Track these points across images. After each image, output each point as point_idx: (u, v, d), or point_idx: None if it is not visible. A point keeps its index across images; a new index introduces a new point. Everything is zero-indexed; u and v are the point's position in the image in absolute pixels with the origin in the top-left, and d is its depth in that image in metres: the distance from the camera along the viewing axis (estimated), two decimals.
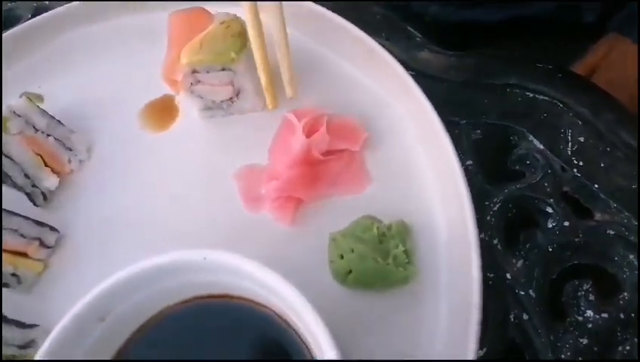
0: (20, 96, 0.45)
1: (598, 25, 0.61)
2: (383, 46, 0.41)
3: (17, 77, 0.47)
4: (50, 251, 0.39)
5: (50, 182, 0.41)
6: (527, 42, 0.64)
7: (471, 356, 0.29)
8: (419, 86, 0.38)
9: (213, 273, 0.29)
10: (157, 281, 0.29)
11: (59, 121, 0.42)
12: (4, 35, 0.47)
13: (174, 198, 0.40)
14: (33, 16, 0.53)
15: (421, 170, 0.37)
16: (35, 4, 0.56)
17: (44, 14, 0.48)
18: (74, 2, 0.47)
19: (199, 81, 0.39)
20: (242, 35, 0.38)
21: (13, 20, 0.55)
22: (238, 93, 0.40)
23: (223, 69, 0.38)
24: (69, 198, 0.41)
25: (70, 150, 0.42)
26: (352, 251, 0.32)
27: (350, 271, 0.32)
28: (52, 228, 0.39)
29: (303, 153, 0.36)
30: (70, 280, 0.38)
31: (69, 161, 0.42)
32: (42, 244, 0.38)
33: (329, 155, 0.38)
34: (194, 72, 0.38)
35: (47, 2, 0.56)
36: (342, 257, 0.33)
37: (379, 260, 0.32)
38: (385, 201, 0.36)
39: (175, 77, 0.38)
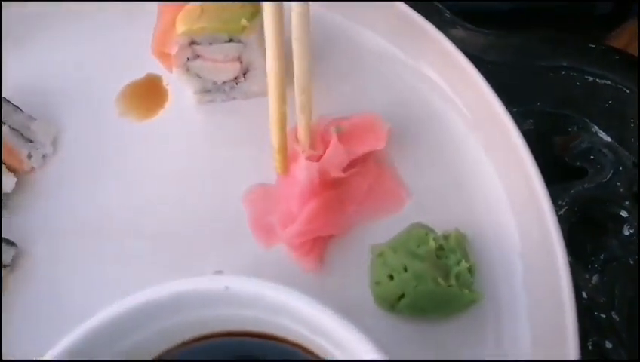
0: None
1: (615, 14, 0.56)
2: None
3: None
4: (6, 271, 0.30)
5: (5, 183, 0.32)
6: (542, 33, 0.60)
7: None
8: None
9: (231, 307, 0.22)
10: (154, 320, 0.21)
11: (16, 106, 0.33)
12: None
13: (161, 203, 0.32)
14: None
15: (478, 171, 0.31)
16: None
17: None
18: None
19: (198, 56, 0.31)
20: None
21: None
22: (245, 72, 0.32)
23: (231, 40, 0.30)
24: (29, 203, 0.32)
25: (30, 142, 0.34)
26: (405, 270, 0.25)
27: (403, 296, 0.25)
28: (8, 242, 0.30)
29: (312, 182, 0.29)
30: (31, 306, 0.29)
31: (29, 157, 0.33)
32: None
33: (352, 168, 0.31)
34: (192, 43, 0.30)
35: None
36: (392, 278, 0.26)
37: (440, 281, 0.25)
38: (432, 211, 0.29)
39: (168, 49, 0.30)
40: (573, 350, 0.23)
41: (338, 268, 0.28)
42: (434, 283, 0.25)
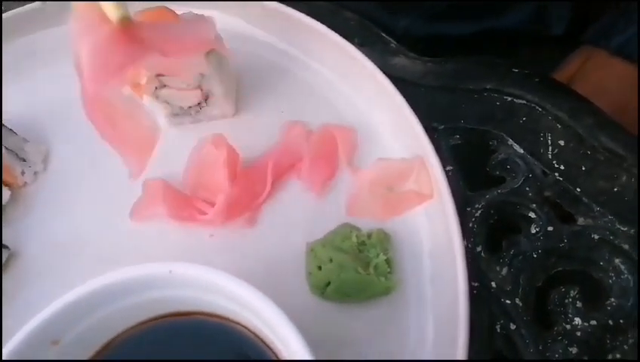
0: None
1: (569, 37, 0.61)
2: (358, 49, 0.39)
3: None
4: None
5: (1, 195, 0.37)
6: (500, 56, 0.65)
7: None
8: (396, 89, 0.37)
9: (179, 288, 0.26)
10: (116, 300, 0.26)
11: (10, 130, 0.39)
12: None
13: None
14: None
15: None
16: None
17: None
18: (27, 5, 0.45)
19: (165, 85, 0.36)
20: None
21: None
22: (206, 98, 0.38)
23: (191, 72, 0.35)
24: (22, 213, 0.38)
25: (24, 161, 0.39)
26: (331, 261, 0.30)
27: (329, 283, 0.30)
28: (2, 245, 0.36)
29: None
30: (22, 301, 0.34)
31: (23, 173, 0.39)
32: None
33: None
34: (159, 75, 0.36)
35: None
36: (320, 268, 0.31)
37: (359, 270, 0.30)
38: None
39: (138, 80, 0.35)
40: (463, 328, 0.28)
41: (280, 261, 0.33)
42: (354, 271, 0.30)
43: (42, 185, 0.39)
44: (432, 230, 0.33)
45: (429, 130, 0.37)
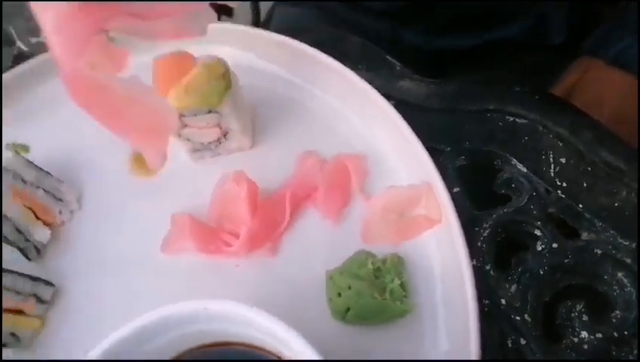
0: (7, 147, 0.46)
1: (569, 46, 0.63)
2: (364, 77, 0.42)
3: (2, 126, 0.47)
4: (46, 306, 0.38)
5: (42, 235, 0.40)
6: (503, 66, 0.66)
7: None
8: (401, 115, 0.39)
9: (212, 322, 0.29)
10: (158, 335, 0.29)
11: (47, 172, 0.42)
12: None
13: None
14: (14, 63, 0.53)
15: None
16: (15, 50, 0.56)
17: (26, 63, 0.48)
18: None
19: (186, 125, 0.39)
20: (225, 76, 0.38)
21: None
22: (225, 134, 0.40)
23: (210, 112, 0.38)
24: (62, 250, 0.41)
25: (60, 201, 0.42)
26: (349, 288, 0.33)
27: (349, 309, 0.33)
28: (47, 283, 0.39)
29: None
30: (68, 335, 0.37)
31: (60, 212, 0.42)
32: (38, 300, 0.38)
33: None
34: (181, 116, 0.38)
35: (26, 48, 0.56)
36: (340, 295, 0.33)
37: (376, 296, 0.32)
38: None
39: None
40: (475, 346, 0.30)
41: (302, 288, 0.36)
42: (371, 297, 0.32)
43: (79, 222, 0.42)
44: (441, 253, 0.35)
45: (435, 152, 0.40)
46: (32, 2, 0.29)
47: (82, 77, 0.31)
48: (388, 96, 0.42)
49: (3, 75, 0.48)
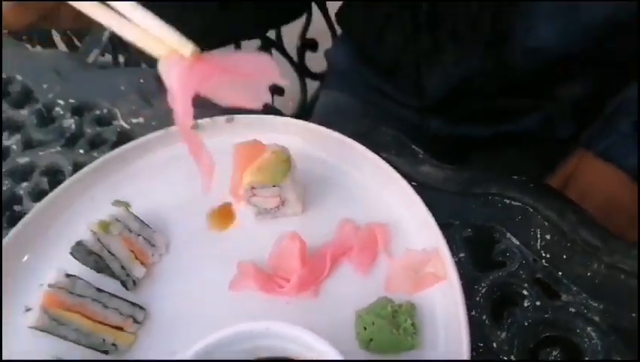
0: (112, 204, 0.59)
1: (572, 139, 0.74)
2: (392, 161, 0.54)
3: (110, 187, 0.61)
4: (139, 326, 0.50)
5: (138, 271, 0.53)
6: (516, 154, 0.78)
7: None
8: (421, 194, 0.50)
9: (271, 339, 0.40)
10: (232, 345, 0.40)
11: (146, 224, 0.55)
12: (100, 159, 0.62)
13: None
14: (118, 140, 0.68)
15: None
16: (118, 128, 0.71)
17: (131, 143, 0.62)
18: (159, 132, 0.62)
19: (255, 195, 0.52)
20: (287, 160, 0.51)
21: (99, 143, 0.70)
22: (283, 202, 0.53)
23: (274, 186, 0.51)
24: (153, 283, 0.53)
25: (153, 246, 0.55)
26: (373, 324, 0.43)
27: (371, 340, 0.43)
28: (141, 307, 0.51)
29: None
30: (154, 347, 0.49)
31: (152, 255, 0.54)
32: (134, 320, 0.50)
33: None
34: (252, 188, 0.51)
35: (128, 127, 0.71)
36: (365, 329, 0.43)
37: (393, 331, 0.42)
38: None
39: (239, 193, 0.51)
40: None
41: (337, 323, 0.46)
42: (390, 333, 0.42)
43: (166, 263, 0.54)
44: (445, 303, 0.45)
45: (447, 225, 0.51)
46: (160, 66, 0.41)
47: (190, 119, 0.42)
48: (411, 179, 0.54)
49: (112, 152, 0.63)
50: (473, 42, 0.64)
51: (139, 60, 1.11)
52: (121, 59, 1.14)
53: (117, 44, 1.11)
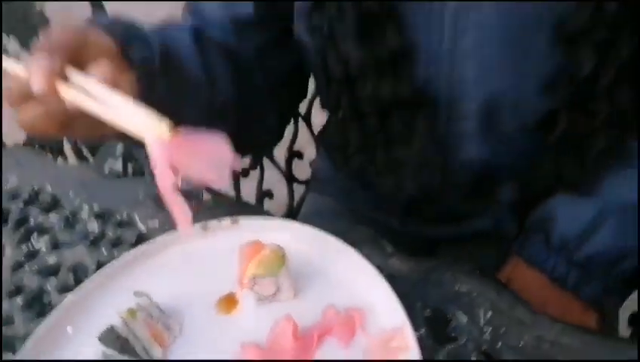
0: (134, 294, 0.71)
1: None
2: (367, 255, 0.67)
3: (130, 281, 0.73)
4: None
5: (157, 352, 0.63)
6: (473, 249, 0.92)
7: None
8: (391, 284, 0.63)
9: None
10: None
11: (163, 311, 0.66)
12: (121, 257, 0.74)
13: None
14: (136, 240, 0.81)
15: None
16: (137, 232, 0.84)
17: (148, 242, 0.75)
18: (172, 233, 0.75)
19: (256, 284, 0.64)
20: (283, 256, 0.64)
21: (119, 243, 0.82)
22: (279, 290, 0.65)
23: (273, 276, 0.63)
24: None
25: (169, 330, 0.66)
26: None
27: None
28: None
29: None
30: None
31: (168, 338, 0.65)
32: None
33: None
34: (254, 278, 0.64)
35: (145, 230, 0.84)
36: None
37: None
38: None
39: (244, 282, 0.63)
40: None
41: None
42: None
43: (179, 344, 0.65)
44: None
45: (411, 307, 0.63)
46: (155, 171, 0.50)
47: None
48: (382, 270, 0.67)
49: (130, 251, 0.75)
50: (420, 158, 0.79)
51: (143, 169, 1.27)
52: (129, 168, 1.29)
53: (127, 155, 1.27)
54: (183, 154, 0.48)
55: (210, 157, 0.50)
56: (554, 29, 0.63)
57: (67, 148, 1.59)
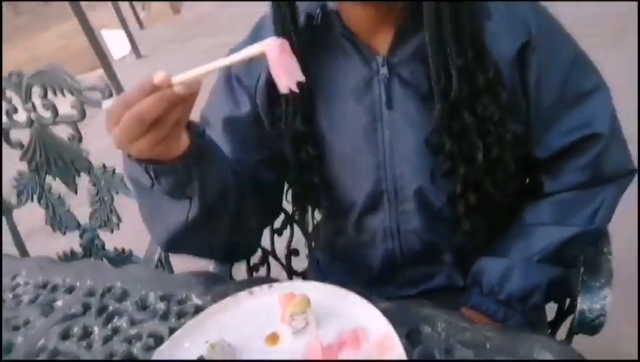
0: (205, 343, 1.02)
1: None
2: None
3: (198, 335, 1.04)
4: None
5: None
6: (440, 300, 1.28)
7: None
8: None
9: None
10: None
11: (231, 345, 0.98)
12: (187, 323, 1.06)
13: None
14: (195, 311, 1.13)
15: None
16: (194, 305, 1.16)
17: (206, 310, 1.08)
18: (221, 302, 1.09)
19: (293, 319, 0.98)
20: (308, 300, 0.99)
21: (182, 315, 1.14)
22: (308, 323, 0.99)
23: (303, 312, 0.98)
24: None
25: (235, 357, 0.97)
26: None
27: None
28: None
29: None
30: None
31: None
32: None
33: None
34: (291, 316, 0.97)
35: (201, 303, 1.17)
36: None
37: None
38: None
39: (285, 318, 0.97)
40: None
41: None
42: None
43: None
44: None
45: (395, 326, 0.98)
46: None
47: None
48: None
49: (204, 310, 1.07)
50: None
51: None
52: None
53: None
54: (287, 56, 0.72)
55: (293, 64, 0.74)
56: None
57: None
